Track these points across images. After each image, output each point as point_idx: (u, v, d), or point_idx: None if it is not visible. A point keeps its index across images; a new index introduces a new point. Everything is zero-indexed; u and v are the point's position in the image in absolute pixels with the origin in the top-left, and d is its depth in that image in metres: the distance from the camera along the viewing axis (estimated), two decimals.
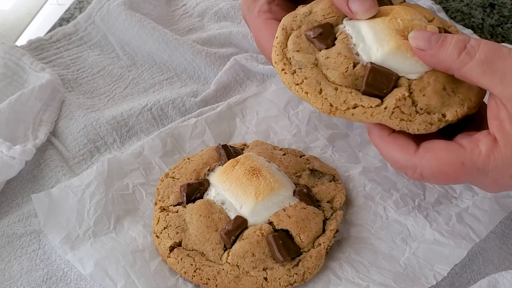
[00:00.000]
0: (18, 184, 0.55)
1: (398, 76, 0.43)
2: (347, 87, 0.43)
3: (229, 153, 0.53)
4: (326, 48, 0.45)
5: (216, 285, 0.46)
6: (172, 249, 0.48)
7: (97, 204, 0.51)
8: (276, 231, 0.48)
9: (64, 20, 0.75)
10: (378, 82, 0.43)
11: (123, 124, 0.60)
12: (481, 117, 0.44)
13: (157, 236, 0.49)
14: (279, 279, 0.46)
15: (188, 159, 0.54)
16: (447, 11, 0.75)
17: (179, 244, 0.48)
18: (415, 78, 0.43)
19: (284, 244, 0.46)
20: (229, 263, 0.46)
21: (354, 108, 0.43)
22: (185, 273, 0.47)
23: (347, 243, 0.50)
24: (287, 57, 0.46)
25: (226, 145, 0.54)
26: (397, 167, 0.45)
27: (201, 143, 0.58)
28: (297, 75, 0.44)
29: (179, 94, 0.63)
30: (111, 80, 0.66)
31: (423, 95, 0.43)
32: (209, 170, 0.53)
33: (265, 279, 0.46)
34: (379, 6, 0.46)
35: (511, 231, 0.51)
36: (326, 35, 0.46)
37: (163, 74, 0.67)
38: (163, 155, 0.56)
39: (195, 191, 0.50)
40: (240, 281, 0.46)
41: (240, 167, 0.50)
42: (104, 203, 0.51)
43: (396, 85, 0.43)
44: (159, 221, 0.49)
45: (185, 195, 0.50)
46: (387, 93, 0.43)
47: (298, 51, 0.45)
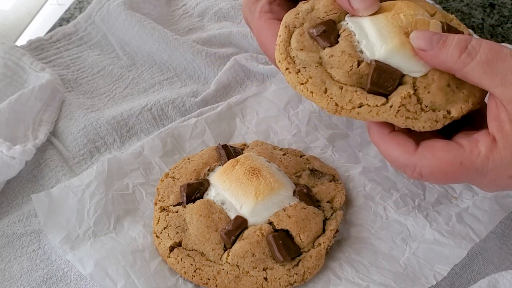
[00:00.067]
0: (18, 184, 0.55)
1: (402, 73, 0.43)
2: (352, 85, 0.43)
3: (229, 153, 0.53)
4: (329, 46, 0.45)
5: (216, 285, 0.46)
6: (172, 249, 0.48)
7: (97, 204, 0.51)
8: (276, 231, 0.48)
9: (64, 20, 0.75)
10: (383, 80, 0.43)
11: (123, 124, 0.60)
12: (481, 115, 0.44)
13: (157, 236, 0.49)
14: (279, 279, 0.46)
15: (188, 159, 0.54)
16: (447, 11, 0.75)
17: (179, 244, 0.48)
18: (419, 76, 0.43)
19: (284, 244, 0.46)
20: (229, 263, 0.46)
21: (359, 107, 0.42)
22: (185, 273, 0.47)
23: (347, 243, 0.50)
24: (291, 56, 0.45)
25: (226, 145, 0.54)
26: (396, 166, 0.44)
27: (201, 143, 0.58)
28: (302, 74, 0.44)
29: (179, 94, 0.63)
30: (111, 80, 0.66)
31: (428, 92, 0.43)
32: (209, 170, 0.53)
33: (265, 279, 0.46)
34: (381, 1, 0.46)
35: (511, 231, 0.51)
36: (329, 33, 0.45)
37: (163, 74, 0.67)
38: (163, 155, 0.56)
39: (195, 191, 0.50)
40: (240, 281, 0.46)
41: (240, 167, 0.50)
42: (104, 203, 0.51)
43: (400, 83, 0.43)
44: (159, 221, 0.49)
45: (185, 195, 0.50)
46: (392, 90, 0.43)
47: (301, 49, 0.45)
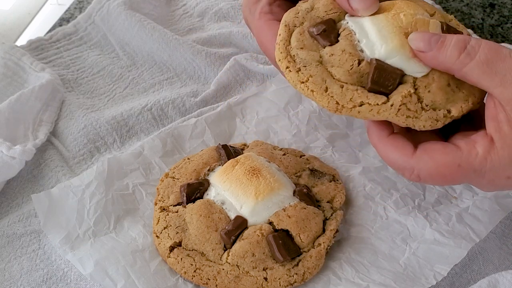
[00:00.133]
0: (18, 184, 0.55)
1: (403, 72, 0.43)
2: (352, 84, 0.43)
3: (229, 153, 0.53)
4: (329, 45, 0.45)
5: (216, 285, 0.46)
6: (172, 249, 0.48)
7: (97, 204, 0.51)
8: (276, 231, 0.48)
9: (64, 20, 0.75)
10: (383, 79, 0.43)
11: (123, 124, 0.60)
12: (479, 115, 0.44)
13: (157, 236, 0.49)
14: (279, 279, 0.46)
15: (188, 159, 0.54)
16: (447, 11, 0.75)
17: (179, 244, 0.48)
18: (420, 76, 0.43)
19: (284, 244, 0.46)
20: (229, 263, 0.46)
21: (360, 105, 0.42)
22: (185, 273, 0.47)
23: (347, 243, 0.50)
24: (291, 55, 0.45)
25: (226, 145, 0.54)
26: (394, 168, 0.45)
27: (201, 143, 0.58)
28: (302, 73, 0.44)
29: (179, 94, 0.63)
30: (111, 80, 0.66)
31: (428, 91, 0.43)
32: (209, 170, 0.53)
33: (265, 279, 0.46)
34: (381, 0, 0.46)
35: (511, 231, 0.51)
36: (329, 32, 0.45)
37: (163, 74, 0.67)
38: (163, 155, 0.56)
39: (195, 191, 0.50)
40: (240, 281, 0.46)
41: (240, 167, 0.50)
42: (104, 203, 0.51)
43: (401, 82, 0.43)
44: (159, 221, 0.49)
45: (185, 195, 0.50)
46: (392, 89, 0.43)
47: (302, 48, 0.45)
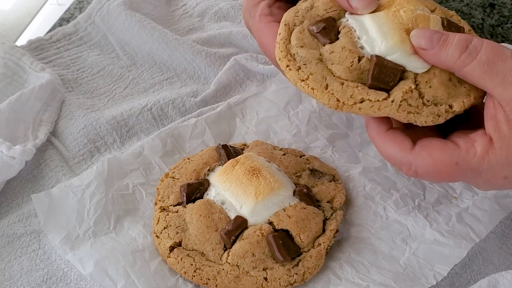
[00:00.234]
0: (18, 184, 0.55)
1: (404, 68, 0.43)
2: (353, 81, 0.43)
3: (229, 153, 0.53)
4: (330, 42, 0.45)
5: (216, 285, 0.46)
6: (172, 249, 0.48)
7: (97, 204, 0.51)
8: (276, 231, 0.48)
9: (64, 20, 0.75)
10: (384, 75, 0.42)
11: (123, 124, 0.60)
12: (478, 113, 0.44)
13: (157, 236, 0.49)
14: (279, 279, 0.46)
15: (188, 159, 0.54)
16: None
17: (179, 244, 0.48)
18: (420, 72, 0.43)
19: (284, 244, 0.46)
20: (229, 263, 0.46)
21: (361, 102, 0.42)
22: (185, 273, 0.47)
23: (347, 243, 0.50)
24: (291, 53, 0.45)
25: (226, 145, 0.54)
26: (392, 163, 0.45)
27: (201, 143, 0.58)
28: (302, 71, 0.44)
29: (179, 94, 0.63)
30: (111, 80, 0.66)
31: (429, 86, 0.43)
32: (209, 170, 0.53)
33: (265, 279, 0.46)
34: None
35: (511, 231, 0.51)
36: (329, 30, 0.45)
37: (163, 74, 0.67)
38: (163, 155, 0.56)
39: (195, 191, 0.50)
40: (240, 281, 0.46)
41: (240, 167, 0.50)
42: (104, 203, 0.51)
43: (402, 78, 0.43)
44: (159, 221, 0.49)
45: (185, 195, 0.50)
46: (393, 86, 0.43)
47: (302, 46, 0.45)
